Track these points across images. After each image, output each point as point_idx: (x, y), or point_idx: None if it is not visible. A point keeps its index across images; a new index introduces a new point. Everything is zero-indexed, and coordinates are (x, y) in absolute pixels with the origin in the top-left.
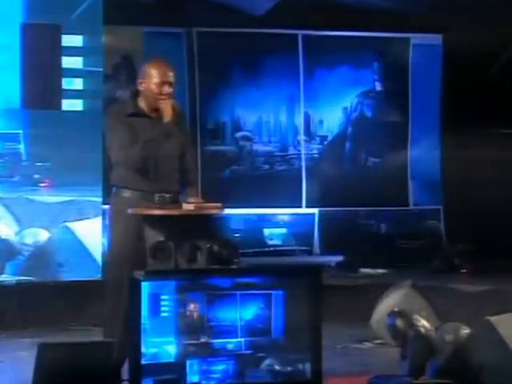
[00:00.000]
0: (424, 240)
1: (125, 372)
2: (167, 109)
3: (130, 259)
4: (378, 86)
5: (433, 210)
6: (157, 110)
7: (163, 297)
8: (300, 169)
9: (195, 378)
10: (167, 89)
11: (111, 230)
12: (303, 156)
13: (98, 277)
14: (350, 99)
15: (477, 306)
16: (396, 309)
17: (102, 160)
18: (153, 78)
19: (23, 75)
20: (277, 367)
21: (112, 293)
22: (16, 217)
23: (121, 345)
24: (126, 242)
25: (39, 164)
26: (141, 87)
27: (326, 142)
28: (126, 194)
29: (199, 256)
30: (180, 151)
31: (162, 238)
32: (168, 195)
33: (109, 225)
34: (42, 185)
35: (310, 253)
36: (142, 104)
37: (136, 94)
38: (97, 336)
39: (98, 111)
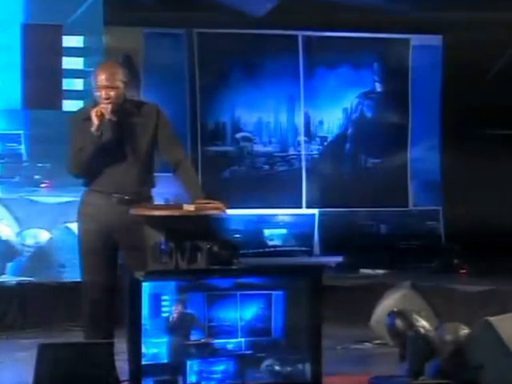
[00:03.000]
0: (423, 241)
1: (125, 372)
2: (93, 117)
3: (96, 261)
4: (378, 87)
5: (432, 211)
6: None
7: (164, 297)
8: (300, 169)
9: (195, 379)
10: (109, 94)
11: (78, 231)
12: (303, 157)
13: None
14: (350, 100)
15: (476, 307)
16: (395, 309)
17: None
18: (98, 81)
19: (24, 76)
20: (277, 367)
21: (86, 296)
22: (17, 217)
23: None
24: (89, 245)
25: (40, 165)
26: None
27: (326, 143)
28: (90, 194)
29: (199, 256)
30: (145, 151)
31: (162, 239)
32: (127, 196)
33: (77, 226)
34: (43, 185)
35: (310, 253)
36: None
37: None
38: None
39: None
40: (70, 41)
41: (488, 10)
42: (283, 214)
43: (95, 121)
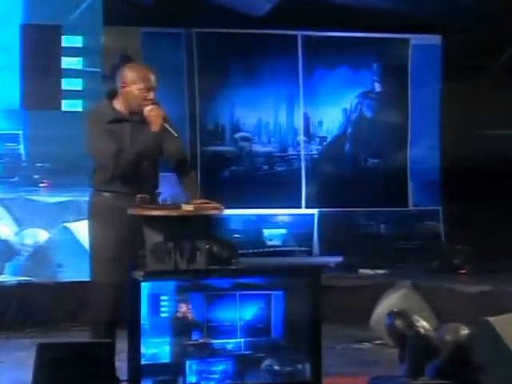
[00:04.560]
0: (423, 240)
1: (125, 372)
2: (154, 117)
3: (109, 258)
4: (378, 87)
5: (432, 211)
6: (137, 113)
7: (163, 297)
8: (299, 169)
9: (194, 379)
10: (152, 95)
11: (92, 230)
12: (303, 157)
13: None
14: (349, 100)
15: (476, 307)
16: (395, 309)
17: None
18: (136, 83)
19: (23, 76)
20: (276, 367)
21: (97, 295)
22: (15, 217)
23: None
24: (108, 243)
25: (39, 164)
26: (122, 91)
27: (325, 143)
28: (107, 194)
29: (198, 256)
30: (160, 152)
31: (161, 239)
32: (148, 196)
33: (89, 225)
34: (42, 185)
35: (309, 253)
36: (120, 106)
37: (111, 95)
38: None
39: None
40: (69, 41)
41: (488, 9)
42: (283, 213)
43: (157, 121)
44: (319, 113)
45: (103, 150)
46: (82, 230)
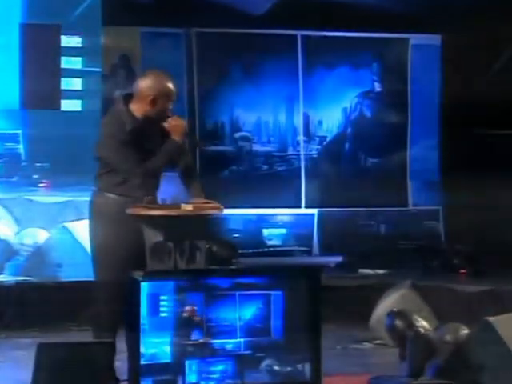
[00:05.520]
0: (423, 240)
1: (124, 372)
2: (179, 129)
3: (116, 260)
4: (378, 87)
5: (432, 211)
6: (153, 120)
7: (162, 297)
8: (299, 169)
9: (194, 378)
10: (171, 107)
11: (95, 230)
12: (302, 156)
13: None
14: (349, 100)
15: (476, 307)
16: (395, 309)
17: None
18: (166, 93)
19: (22, 75)
20: (276, 367)
21: (99, 294)
22: (15, 217)
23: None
24: (110, 243)
25: (38, 164)
26: (147, 99)
27: (325, 143)
28: (112, 195)
29: (198, 256)
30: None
31: (161, 239)
32: (153, 197)
33: (91, 226)
34: (41, 185)
35: (309, 253)
36: (137, 112)
37: (128, 99)
38: None
39: (96, 111)
40: (69, 40)
41: (487, 9)
42: (282, 213)
43: (180, 131)
44: (319, 112)
45: (126, 161)
46: (81, 229)
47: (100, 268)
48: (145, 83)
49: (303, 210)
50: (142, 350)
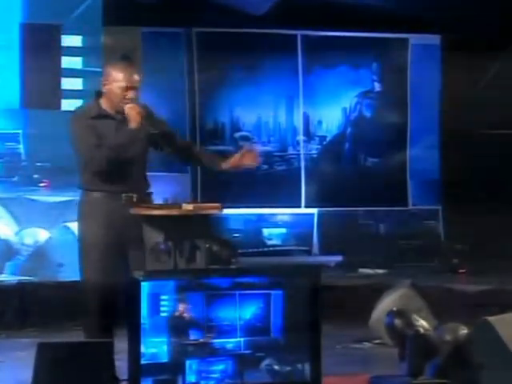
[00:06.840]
0: (423, 240)
1: (124, 372)
2: (134, 115)
3: (103, 260)
4: (377, 87)
5: (432, 210)
6: (121, 111)
7: (162, 297)
8: (299, 169)
9: (194, 378)
10: (131, 94)
11: (80, 230)
12: (302, 156)
13: None
14: (349, 99)
15: (475, 306)
16: (395, 309)
17: None
18: (117, 81)
19: (23, 75)
20: (276, 367)
21: (87, 295)
22: (15, 217)
23: None
24: (97, 243)
25: (39, 164)
26: (104, 89)
27: (325, 142)
28: (95, 194)
29: (198, 256)
30: (147, 151)
31: (161, 239)
32: (135, 195)
33: (78, 226)
34: (42, 185)
35: (309, 253)
36: (106, 105)
37: (99, 94)
38: None
39: None
40: (69, 40)
41: (487, 9)
42: (282, 213)
43: (136, 117)
44: (319, 112)
45: (84, 144)
46: None
47: (83, 266)
48: (103, 74)
49: (303, 210)
50: (143, 349)
